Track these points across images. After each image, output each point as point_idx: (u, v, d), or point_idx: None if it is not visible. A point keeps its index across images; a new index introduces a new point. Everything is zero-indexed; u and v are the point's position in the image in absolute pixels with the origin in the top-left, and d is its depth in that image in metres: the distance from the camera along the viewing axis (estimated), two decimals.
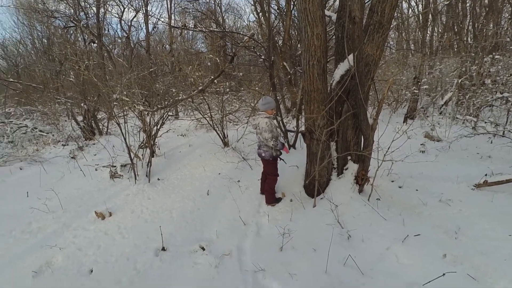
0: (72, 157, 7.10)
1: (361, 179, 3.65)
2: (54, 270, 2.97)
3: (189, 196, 4.44)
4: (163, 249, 3.20)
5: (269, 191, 3.94)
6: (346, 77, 3.43)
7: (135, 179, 5.03)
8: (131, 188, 4.79)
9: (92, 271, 2.94)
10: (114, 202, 4.31)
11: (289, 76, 9.69)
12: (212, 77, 6.64)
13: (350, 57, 3.28)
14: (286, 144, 4.38)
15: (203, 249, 3.14)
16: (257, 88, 8.62)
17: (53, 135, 10.86)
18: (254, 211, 3.87)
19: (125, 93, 6.44)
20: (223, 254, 2.99)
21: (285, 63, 9.78)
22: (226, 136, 6.77)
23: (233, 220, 3.67)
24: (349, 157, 3.84)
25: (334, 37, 4.53)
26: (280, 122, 5.77)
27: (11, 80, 11.99)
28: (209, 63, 10.48)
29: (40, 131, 11.20)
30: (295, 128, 6.06)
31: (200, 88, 6.28)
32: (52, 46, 19.24)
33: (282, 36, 10.43)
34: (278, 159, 3.99)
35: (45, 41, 20.14)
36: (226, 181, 4.82)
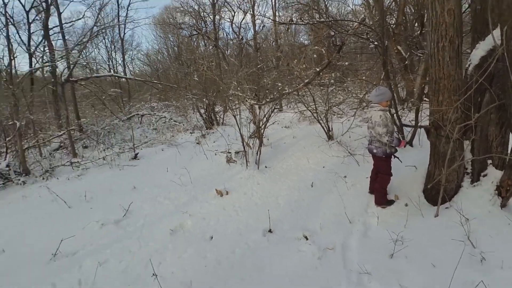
0: (197, 143, 8.44)
1: (505, 191, 2.93)
2: (185, 231, 3.65)
3: (294, 186, 4.60)
4: (270, 231, 3.46)
5: (380, 191, 3.65)
6: (489, 59, 2.78)
7: (247, 165, 5.56)
8: (243, 172, 5.33)
9: (212, 238, 3.47)
10: (230, 183, 4.91)
11: (404, 62, 8.53)
12: (317, 69, 6.56)
13: (496, 32, 2.63)
14: (401, 139, 3.92)
15: (306, 238, 3.22)
16: (364, 78, 7.97)
17: (183, 125, 13.09)
18: (361, 209, 3.68)
19: (238, 88, 7.13)
20: (326, 248, 2.99)
21: (399, 47, 8.64)
22: (330, 129, 6.61)
23: (338, 215, 3.60)
24: (489, 161, 3.13)
25: (469, 10, 3.71)
26: (394, 115, 5.20)
27: (155, 81, 14.92)
28: (315, 55, 10.33)
29: (174, 121, 13.66)
30: (413, 122, 5.35)
31: (306, 81, 6.31)
32: (181, 52, 23.18)
33: (395, 17, 9.21)
34: (392, 156, 3.64)
35: (176, 49, 24.49)
36: (332, 175, 4.74)
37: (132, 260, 3.10)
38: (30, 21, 12.53)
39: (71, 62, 9.43)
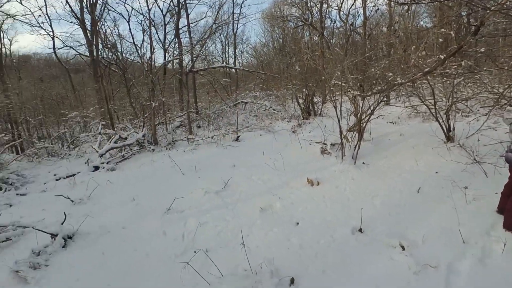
0: (293, 131, 8.54)
1: None
2: (273, 212, 3.79)
3: (395, 188, 4.09)
4: (360, 230, 3.20)
5: None
6: None
7: (342, 158, 5.27)
8: (338, 165, 5.08)
9: (298, 223, 3.47)
10: (322, 174, 4.78)
11: None
12: (442, 56, 5.45)
13: None
14: None
15: (403, 248, 2.83)
16: (506, 68, 6.17)
17: (281, 113, 13.43)
18: (481, 230, 2.96)
19: (342, 78, 6.72)
20: (427, 264, 2.55)
21: None
22: (451, 128, 5.50)
23: (449, 231, 3.01)
24: None
25: None
26: None
27: (259, 72, 15.66)
28: (440, 39, 8.65)
29: (273, 109, 14.15)
30: None
31: (426, 70, 5.38)
32: (285, 44, 23.63)
33: None
34: None
35: (281, 41, 25.09)
36: (446, 184, 3.98)
37: (225, 227, 3.45)
38: (166, 23, 15.18)
39: (194, 56, 10.94)
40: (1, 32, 12.07)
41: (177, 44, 13.66)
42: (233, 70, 21.90)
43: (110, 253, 3.14)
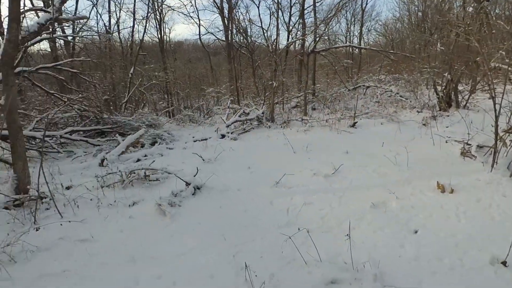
0: (423, 124, 7.20)
1: None
2: (387, 210, 3.35)
3: None
4: (504, 263, 2.42)
5: None
6: None
7: (492, 166, 4.08)
8: (484, 174, 3.98)
9: (417, 231, 2.95)
10: (459, 181, 3.85)
11: None
12: None
13: None
14: None
15: None
16: None
17: (410, 101, 11.55)
18: None
19: (507, 60, 5.04)
20: None
21: None
22: None
23: None
24: None
25: None
26: None
27: (391, 51, 13.73)
28: None
29: (400, 96, 12.32)
30: None
31: None
32: (425, 18, 19.59)
33: None
34: None
35: (420, 14, 20.84)
36: None
37: (330, 213, 3.33)
38: (292, 4, 15.20)
39: (317, 36, 10.61)
40: (163, 23, 15.20)
41: (301, 25, 13.67)
42: (356, 51, 20.17)
43: (226, 208, 3.61)
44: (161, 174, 4.64)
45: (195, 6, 19.15)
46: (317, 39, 10.13)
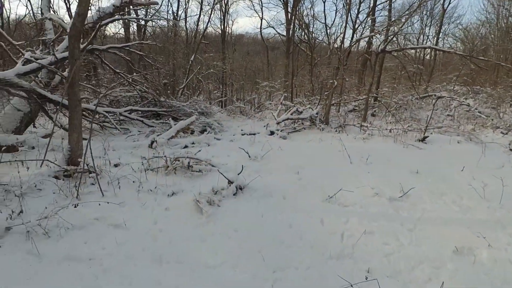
0: (511, 149, 5.77)
1: None
2: (476, 261, 2.50)
3: None
4: None
5: None
6: None
7: None
8: None
9: None
10: None
11: None
12: None
13: None
14: None
15: None
16: None
17: (491, 120, 9.68)
18: None
19: None
20: None
21: None
22: None
23: None
24: None
25: None
26: None
27: (481, 58, 11.65)
28: None
29: (479, 112, 10.41)
30: None
31: None
32: None
33: None
34: None
35: (511, 19, 17.38)
36: None
37: (398, 251, 2.59)
38: (361, 0, 13.85)
39: (390, 34, 9.35)
40: (227, 14, 15.15)
41: (368, 24, 12.33)
42: (427, 56, 17.73)
43: (268, 218, 3.10)
44: (205, 166, 4.33)
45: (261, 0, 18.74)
46: (391, 37, 8.87)
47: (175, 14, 11.14)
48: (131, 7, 9.47)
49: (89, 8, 5.31)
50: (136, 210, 3.32)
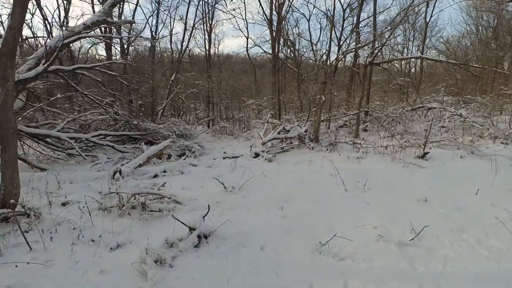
0: None
1: None
2: None
3: None
4: None
5: None
6: None
7: None
8: None
9: None
10: None
11: None
12: None
13: None
14: None
15: None
16: None
17: (488, 129, 9.17)
18: None
19: None
20: None
21: None
22: None
23: None
24: None
25: None
26: None
27: (475, 65, 11.28)
28: None
29: (473, 122, 9.91)
30: None
31: None
32: (498, 33, 16.69)
33: None
34: None
35: (491, 30, 17.69)
36: None
37: None
38: (344, 18, 13.71)
39: (379, 45, 8.92)
40: (213, 35, 14.88)
41: (352, 40, 12.12)
42: (413, 69, 17.60)
43: (237, 283, 2.23)
44: (167, 205, 3.47)
45: (245, 20, 18.55)
46: (378, 49, 8.42)
47: (153, 33, 10.61)
48: (111, 26, 8.86)
49: (25, 21, 4.62)
50: (64, 274, 2.44)
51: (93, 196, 4.02)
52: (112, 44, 11.25)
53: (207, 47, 14.20)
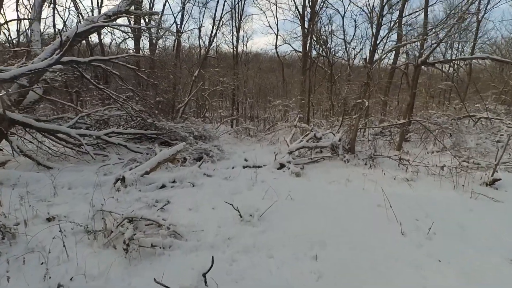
0: None
1: None
2: None
3: None
4: None
5: None
6: None
7: None
8: None
9: None
10: None
11: None
12: None
13: None
14: None
15: None
16: None
17: None
18: None
19: None
20: None
21: None
22: None
23: None
24: None
25: None
26: None
27: None
28: None
29: None
30: None
31: None
32: None
33: None
34: None
35: None
36: None
37: None
38: (383, 14, 12.22)
39: (434, 42, 7.46)
40: (242, 31, 14.01)
41: (391, 37, 10.62)
42: (457, 74, 15.44)
43: None
44: (162, 238, 2.61)
45: (275, 16, 17.54)
46: (434, 45, 7.03)
47: (178, 26, 9.95)
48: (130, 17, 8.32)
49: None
50: None
51: (86, 210, 3.32)
52: (141, 37, 10.78)
53: (234, 43, 13.41)
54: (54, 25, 9.55)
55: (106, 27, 7.02)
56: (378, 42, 12.45)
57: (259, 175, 4.92)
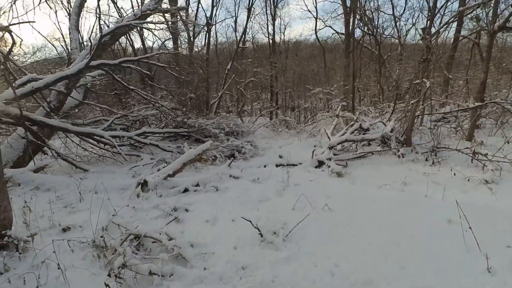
0: None
1: None
2: None
3: None
4: None
5: None
6: None
7: None
8: None
9: None
10: None
11: None
12: None
13: None
14: None
15: None
16: None
17: None
18: None
19: None
20: None
21: None
22: None
23: None
24: None
25: None
26: None
27: None
28: None
29: None
30: None
31: None
32: None
33: None
34: None
35: None
36: None
37: None
38: None
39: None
40: (279, 18, 13.11)
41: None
42: None
43: None
44: (163, 263, 2.16)
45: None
46: None
47: (208, 19, 9.52)
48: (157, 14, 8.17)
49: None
50: None
51: (101, 219, 3.09)
52: (178, 36, 10.72)
53: (270, 31, 12.61)
54: (101, 32, 10.00)
55: (135, 27, 6.96)
56: (438, 8, 10.38)
57: (293, 176, 4.23)
